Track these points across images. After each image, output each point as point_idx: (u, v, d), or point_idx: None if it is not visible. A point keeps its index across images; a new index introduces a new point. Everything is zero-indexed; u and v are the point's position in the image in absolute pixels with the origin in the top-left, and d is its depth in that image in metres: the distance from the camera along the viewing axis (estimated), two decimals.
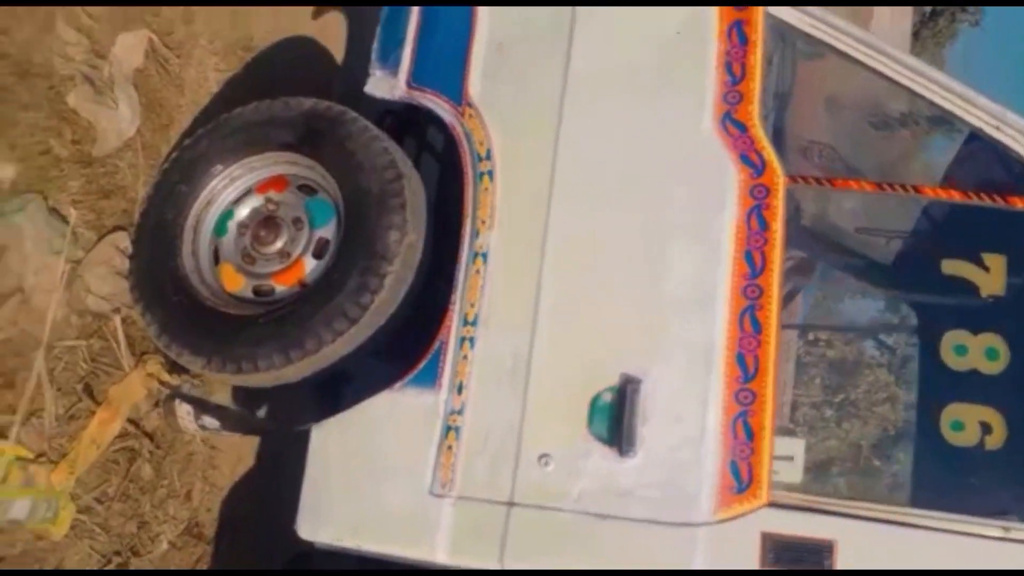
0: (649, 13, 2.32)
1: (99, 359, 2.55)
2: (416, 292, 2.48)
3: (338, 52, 3.72)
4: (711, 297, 2.05)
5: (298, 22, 3.42)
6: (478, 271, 2.27)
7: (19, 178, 2.30)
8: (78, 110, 2.45)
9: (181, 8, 2.80)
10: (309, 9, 3.46)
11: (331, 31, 3.68)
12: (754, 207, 2.10)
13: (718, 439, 1.93)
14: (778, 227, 2.08)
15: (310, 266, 2.53)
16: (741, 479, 1.93)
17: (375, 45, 2.65)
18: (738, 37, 2.24)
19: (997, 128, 2.06)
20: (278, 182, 2.65)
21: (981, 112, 2.07)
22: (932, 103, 2.11)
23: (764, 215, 2.09)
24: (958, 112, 2.09)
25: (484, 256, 2.28)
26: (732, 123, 2.18)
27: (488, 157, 2.36)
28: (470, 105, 2.42)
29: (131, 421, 2.66)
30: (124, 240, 2.64)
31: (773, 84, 2.27)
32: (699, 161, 2.16)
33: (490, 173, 2.34)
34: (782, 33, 2.29)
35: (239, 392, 2.91)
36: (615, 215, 2.19)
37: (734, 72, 2.22)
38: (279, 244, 2.57)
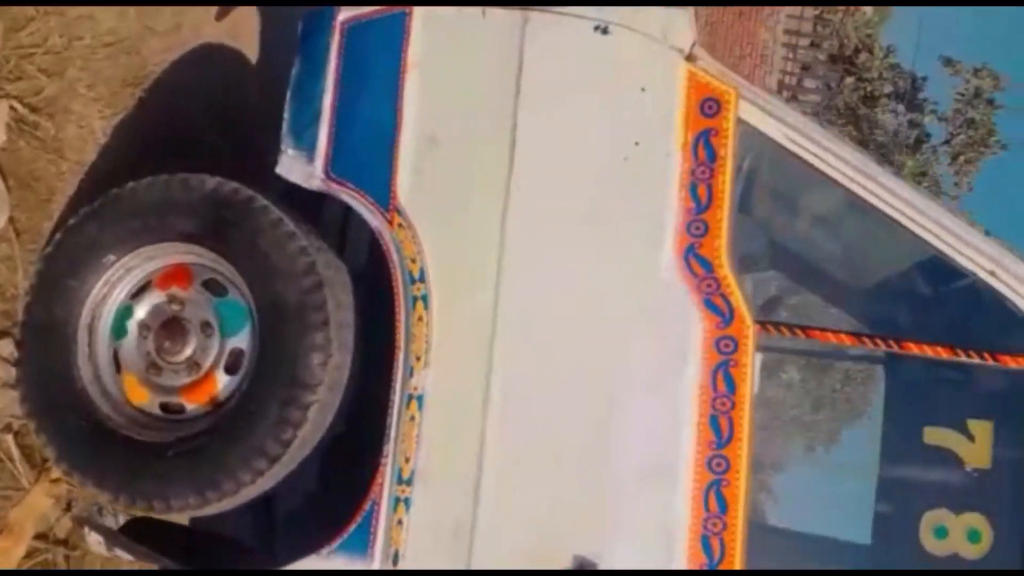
0: (605, 118, 1.98)
1: None
2: (346, 410, 2.25)
3: (253, 52, 3.25)
4: (672, 469, 1.85)
5: (199, 31, 2.93)
6: (413, 417, 2.02)
7: None
8: None
9: (49, 59, 2.34)
10: (211, 12, 2.97)
11: (243, 28, 3.19)
12: (721, 364, 1.87)
13: None
14: (747, 388, 1.86)
15: (223, 382, 2.26)
16: None
17: (285, 115, 2.27)
18: (706, 152, 1.93)
19: (992, 274, 1.83)
20: (181, 275, 2.32)
21: (976, 255, 1.83)
22: (922, 240, 1.87)
23: (732, 373, 1.87)
24: (949, 252, 1.85)
25: (420, 400, 2.02)
26: (696, 260, 1.91)
27: (422, 279, 2.05)
28: (399, 211, 2.09)
29: (40, 535, 2.42)
30: (8, 347, 2.31)
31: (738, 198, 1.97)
32: (659, 305, 1.90)
33: (424, 298, 2.05)
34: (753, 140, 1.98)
35: None
36: (566, 363, 1.94)
37: (699, 197, 1.92)
38: (187, 352, 2.27)
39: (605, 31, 1.98)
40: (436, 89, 2.09)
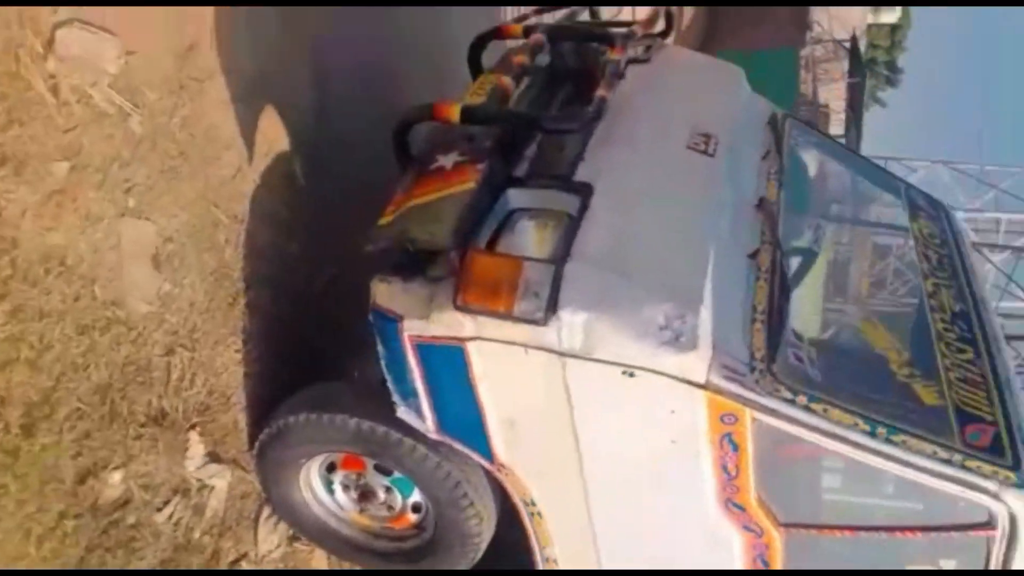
0: (645, 432, 2.47)
1: None
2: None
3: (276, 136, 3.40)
4: None
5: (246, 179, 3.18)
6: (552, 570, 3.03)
7: None
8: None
9: (199, 380, 2.92)
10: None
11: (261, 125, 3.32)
12: (758, 555, 2.68)
13: None
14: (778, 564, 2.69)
15: (414, 518, 3.28)
16: None
17: (387, 376, 2.80)
18: (730, 446, 2.44)
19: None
20: (357, 463, 3.19)
21: (946, 483, 2.40)
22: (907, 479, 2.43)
23: (766, 558, 2.68)
24: (930, 483, 2.42)
25: (556, 561, 3.00)
26: (734, 506, 2.57)
27: (533, 503, 2.85)
28: (503, 466, 2.79)
29: None
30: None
31: None
32: (713, 533, 2.65)
33: (540, 513, 2.87)
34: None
35: None
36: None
37: (729, 471, 2.49)
38: (381, 503, 3.28)
39: (632, 375, 2.36)
40: (505, 393, 2.59)
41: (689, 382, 2.34)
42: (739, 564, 2.70)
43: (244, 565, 3.24)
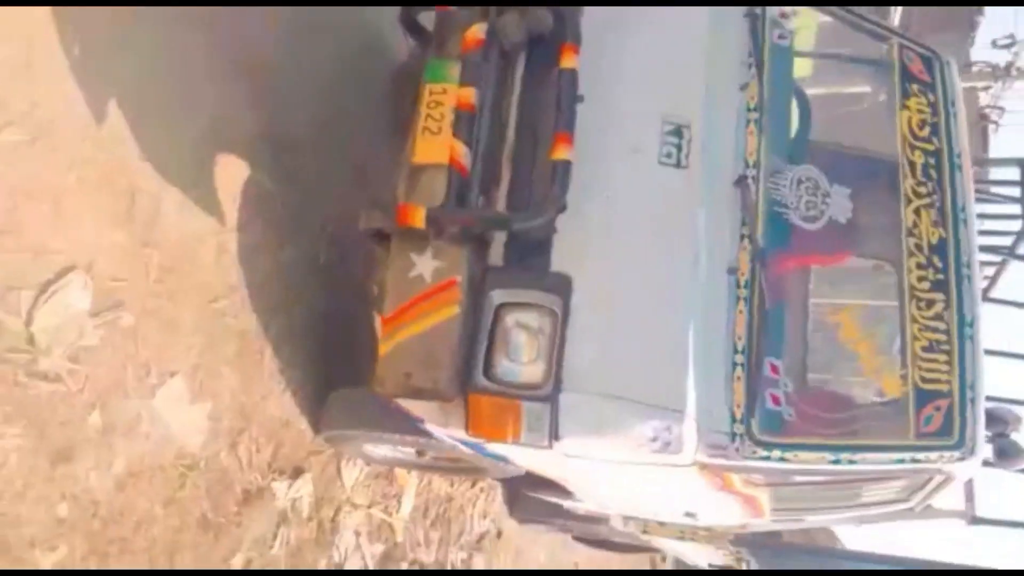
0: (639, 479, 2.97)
1: None
2: None
3: None
4: None
5: None
6: None
7: None
8: None
9: None
10: None
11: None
12: (749, 503, 3.34)
13: None
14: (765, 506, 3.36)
15: None
16: None
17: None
18: (718, 479, 2.95)
19: None
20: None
21: None
22: None
23: (759, 503, 3.35)
24: None
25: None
26: (725, 488, 3.16)
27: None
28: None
29: None
30: None
31: None
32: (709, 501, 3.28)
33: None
34: None
35: None
36: None
37: (717, 485, 3.04)
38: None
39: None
40: (520, 458, 3.07)
41: (678, 466, 2.77)
42: (738, 511, 3.38)
43: (344, 513, 4.04)
